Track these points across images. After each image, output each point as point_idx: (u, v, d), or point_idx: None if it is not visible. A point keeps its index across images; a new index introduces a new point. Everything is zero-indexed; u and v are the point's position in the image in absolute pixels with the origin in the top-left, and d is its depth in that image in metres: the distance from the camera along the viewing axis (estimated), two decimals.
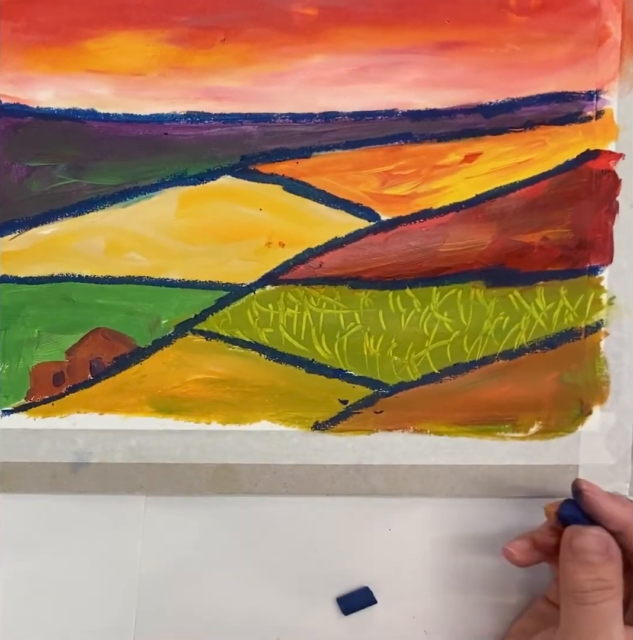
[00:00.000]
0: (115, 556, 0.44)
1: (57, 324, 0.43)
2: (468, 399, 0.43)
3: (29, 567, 0.44)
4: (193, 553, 0.44)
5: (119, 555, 0.44)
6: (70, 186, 0.42)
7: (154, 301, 0.43)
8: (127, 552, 0.44)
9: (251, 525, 0.44)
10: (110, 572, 0.44)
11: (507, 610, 0.44)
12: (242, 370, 0.43)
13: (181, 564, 0.44)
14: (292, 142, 0.42)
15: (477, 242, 0.43)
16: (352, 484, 0.43)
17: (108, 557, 0.44)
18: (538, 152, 0.42)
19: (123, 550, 0.44)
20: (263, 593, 0.44)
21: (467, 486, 0.44)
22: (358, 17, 0.42)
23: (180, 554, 0.44)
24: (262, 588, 0.44)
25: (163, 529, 0.44)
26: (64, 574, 0.44)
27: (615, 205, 0.43)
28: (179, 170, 0.42)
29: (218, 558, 0.44)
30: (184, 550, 0.44)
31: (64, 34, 0.41)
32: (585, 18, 0.42)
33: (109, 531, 0.44)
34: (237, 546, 0.44)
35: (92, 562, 0.44)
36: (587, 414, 0.44)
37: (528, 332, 0.43)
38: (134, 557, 0.44)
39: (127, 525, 0.44)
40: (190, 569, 0.44)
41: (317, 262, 0.43)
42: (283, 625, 0.43)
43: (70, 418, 0.43)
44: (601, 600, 0.37)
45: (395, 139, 0.42)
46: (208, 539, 0.44)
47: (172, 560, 0.44)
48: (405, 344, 0.43)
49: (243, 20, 0.41)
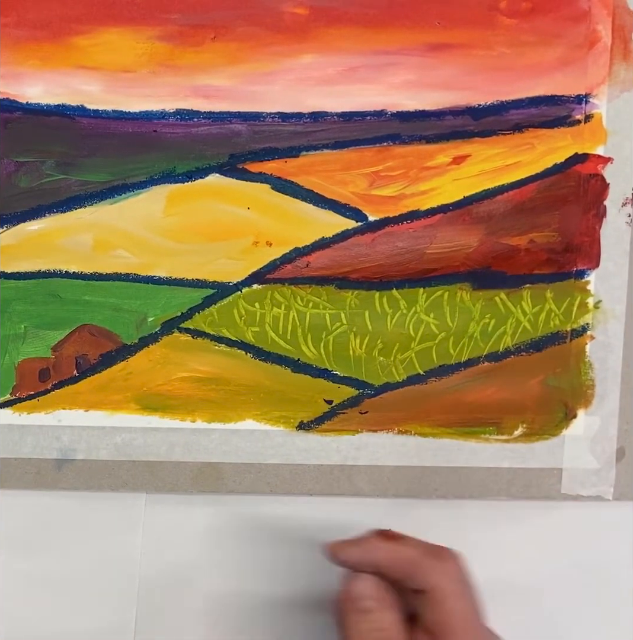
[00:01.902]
0: (115, 555, 0.44)
1: (43, 320, 0.43)
2: (453, 400, 0.43)
3: (22, 566, 0.44)
4: (193, 553, 0.44)
5: (119, 555, 0.44)
6: (58, 182, 0.42)
7: (141, 298, 0.43)
8: (127, 551, 0.44)
9: (253, 525, 0.44)
10: (109, 571, 0.44)
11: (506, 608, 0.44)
12: (227, 369, 0.43)
13: (181, 563, 0.44)
14: (280, 141, 0.42)
15: (464, 244, 0.43)
16: (336, 484, 0.44)
17: (107, 556, 0.44)
18: (527, 155, 0.42)
19: (123, 549, 0.44)
20: (263, 593, 0.44)
21: (451, 488, 0.44)
22: (348, 18, 0.42)
23: (181, 553, 0.44)
24: (262, 588, 0.44)
25: (163, 528, 0.44)
26: (62, 573, 0.44)
27: (603, 210, 0.43)
28: (167, 167, 0.42)
29: (218, 558, 0.44)
30: (184, 550, 0.44)
31: (54, 30, 0.41)
32: (575, 22, 0.42)
33: (109, 530, 0.44)
34: (238, 546, 0.44)
35: (91, 561, 0.44)
36: (571, 418, 0.44)
37: (514, 334, 0.43)
38: (134, 556, 0.44)
39: (127, 524, 0.44)
40: (191, 569, 0.44)
41: (304, 262, 0.43)
42: (283, 625, 0.43)
43: (56, 414, 0.43)
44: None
45: (383, 139, 0.42)
46: (209, 538, 0.44)
47: (172, 560, 0.44)
48: (390, 345, 0.43)
49: (233, 18, 0.41)
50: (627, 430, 0.43)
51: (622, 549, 0.45)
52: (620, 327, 0.43)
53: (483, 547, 0.44)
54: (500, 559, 0.45)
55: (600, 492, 0.44)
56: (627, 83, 0.42)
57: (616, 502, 0.44)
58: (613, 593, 0.45)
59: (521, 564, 0.45)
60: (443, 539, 0.44)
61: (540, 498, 0.44)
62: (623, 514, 0.45)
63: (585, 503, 0.44)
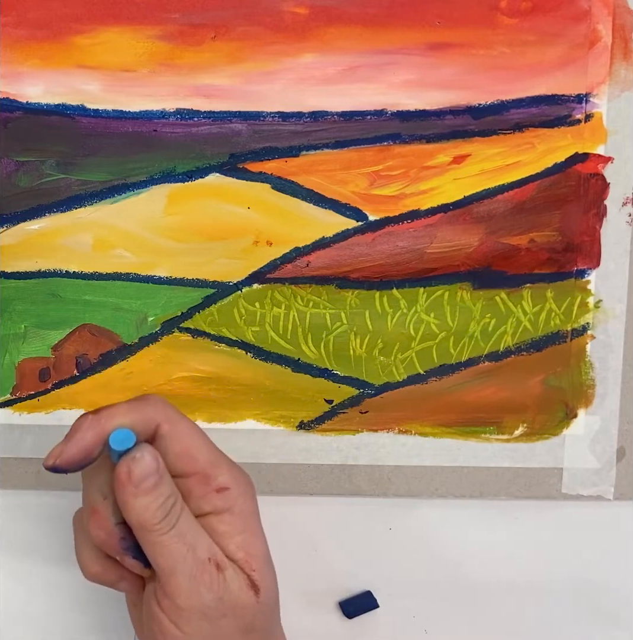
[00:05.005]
0: None
1: (43, 319, 0.43)
2: (453, 400, 0.43)
3: (22, 566, 0.44)
4: None
5: None
6: (58, 182, 0.42)
7: (141, 298, 0.43)
8: None
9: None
10: None
11: (507, 608, 0.44)
12: (228, 369, 0.43)
13: None
14: (281, 141, 0.42)
15: (464, 244, 0.43)
16: (336, 483, 0.44)
17: None
18: (527, 154, 0.42)
19: None
20: None
21: (451, 488, 0.44)
22: (349, 17, 0.41)
23: None
24: None
25: None
26: (62, 573, 0.44)
27: (603, 209, 0.43)
28: (167, 167, 0.42)
29: None
30: None
31: (54, 30, 0.41)
32: (576, 21, 0.42)
33: None
34: None
35: None
36: (572, 417, 0.44)
37: (514, 334, 0.43)
38: None
39: None
40: None
41: (305, 262, 0.43)
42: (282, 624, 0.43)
43: (56, 414, 0.43)
44: (181, 512, 0.33)
45: (384, 139, 0.42)
46: None
47: None
48: (391, 345, 0.43)
49: (233, 18, 0.41)
50: (627, 430, 0.43)
51: (622, 549, 0.45)
52: (621, 327, 0.43)
53: (483, 547, 0.44)
54: (500, 559, 0.45)
55: (600, 492, 0.44)
56: (627, 82, 0.42)
57: (616, 502, 0.44)
58: (613, 593, 0.45)
59: (521, 563, 0.45)
60: (444, 539, 0.45)
61: (541, 498, 0.44)
62: (624, 514, 0.45)
63: (585, 503, 0.44)
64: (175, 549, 0.33)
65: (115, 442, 0.32)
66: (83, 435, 0.32)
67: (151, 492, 0.32)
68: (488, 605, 0.45)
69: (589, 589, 0.45)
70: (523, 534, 0.45)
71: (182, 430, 0.34)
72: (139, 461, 0.32)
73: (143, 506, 0.32)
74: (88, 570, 0.35)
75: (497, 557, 0.45)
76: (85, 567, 0.35)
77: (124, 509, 0.33)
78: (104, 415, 0.33)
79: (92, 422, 0.33)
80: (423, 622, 0.44)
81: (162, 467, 0.33)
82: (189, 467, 0.34)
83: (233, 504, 0.34)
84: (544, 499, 0.44)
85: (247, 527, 0.35)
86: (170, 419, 0.34)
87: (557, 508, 0.44)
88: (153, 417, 0.33)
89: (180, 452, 0.34)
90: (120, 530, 0.34)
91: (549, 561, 0.45)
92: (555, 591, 0.45)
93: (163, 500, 0.33)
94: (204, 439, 0.35)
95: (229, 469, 0.35)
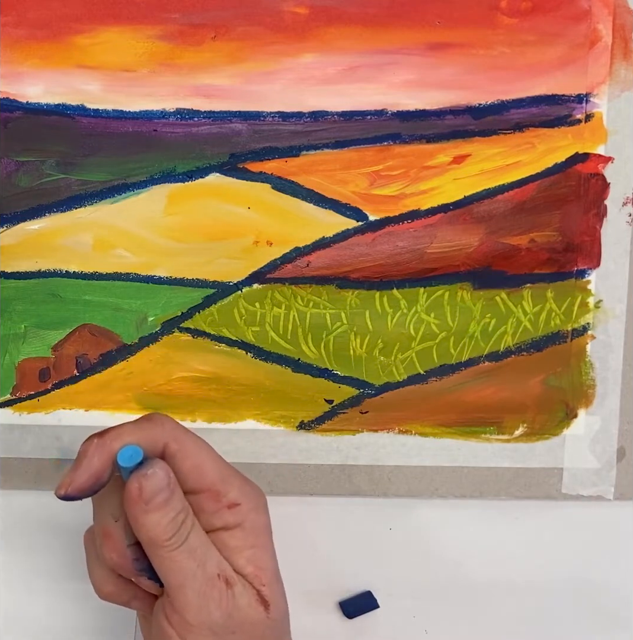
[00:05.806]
0: None
1: (43, 319, 0.43)
2: (453, 400, 0.43)
3: (22, 566, 0.44)
4: None
5: None
6: (58, 182, 0.42)
7: (141, 298, 0.43)
8: None
9: None
10: None
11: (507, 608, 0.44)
12: (228, 369, 0.43)
13: None
14: (281, 140, 0.42)
15: (464, 244, 0.43)
16: (336, 483, 0.43)
17: None
18: (527, 154, 0.42)
19: None
20: None
21: (451, 488, 0.44)
22: (349, 17, 0.41)
23: None
24: None
25: None
26: (62, 573, 0.44)
27: (603, 209, 0.43)
28: (167, 167, 0.42)
29: None
30: None
31: (54, 29, 0.41)
32: (576, 21, 0.42)
33: None
34: None
35: None
36: (572, 417, 0.44)
37: (515, 334, 0.43)
38: None
39: None
40: None
41: (305, 262, 0.43)
42: None
43: (56, 414, 0.43)
44: (192, 528, 0.33)
45: (384, 139, 0.42)
46: None
47: None
48: (391, 345, 0.43)
49: (233, 18, 0.41)
50: (627, 430, 0.43)
51: (622, 549, 0.45)
52: (621, 327, 0.43)
53: (483, 547, 0.44)
54: (500, 559, 0.45)
55: (600, 492, 0.44)
56: (627, 82, 0.42)
57: (616, 502, 0.44)
58: (613, 593, 0.45)
59: (521, 564, 0.45)
60: (444, 539, 0.45)
61: (541, 498, 0.44)
62: (624, 514, 0.45)
63: (585, 503, 0.44)
64: (185, 565, 0.32)
65: (124, 459, 0.32)
66: (90, 461, 0.32)
67: (162, 507, 0.32)
68: (488, 605, 0.45)
69: (589, 589, 0.45)
70: (523, 534, 0.45)
71: (190, 448, 0.34)
72: (150, 477, 0.32)
73: (154, 522, 0.32)
74: (101, 590, 0.35)
75: (497, 557, 0.45)
76: (99, 587, 0.35)
77: (135, 525, 0.32)
78: (110, 436, 0.32)
79: (98, 445, 0.32)
80: (423, 622, 0.44)
81: (173, 481, 0.32)
82: (199, 484, 0.34)
83: (244, 519, 0.34)
84: (544, 499, 0.44)
85: (257, 542, 0.35)
86: (177, 438, 0.33)
87: (557, 508, 0.44)
88: (160, 436, 0.33)
89: (189, 470, 0.33)
90: (134, 551, 0.33)
91: (549, 561, 0.45)
92: (555, 591, 0.45)
93: (174, 515, 0.32)
94: (212, 455, 0.35)
95: (239, 484, 0.35)
